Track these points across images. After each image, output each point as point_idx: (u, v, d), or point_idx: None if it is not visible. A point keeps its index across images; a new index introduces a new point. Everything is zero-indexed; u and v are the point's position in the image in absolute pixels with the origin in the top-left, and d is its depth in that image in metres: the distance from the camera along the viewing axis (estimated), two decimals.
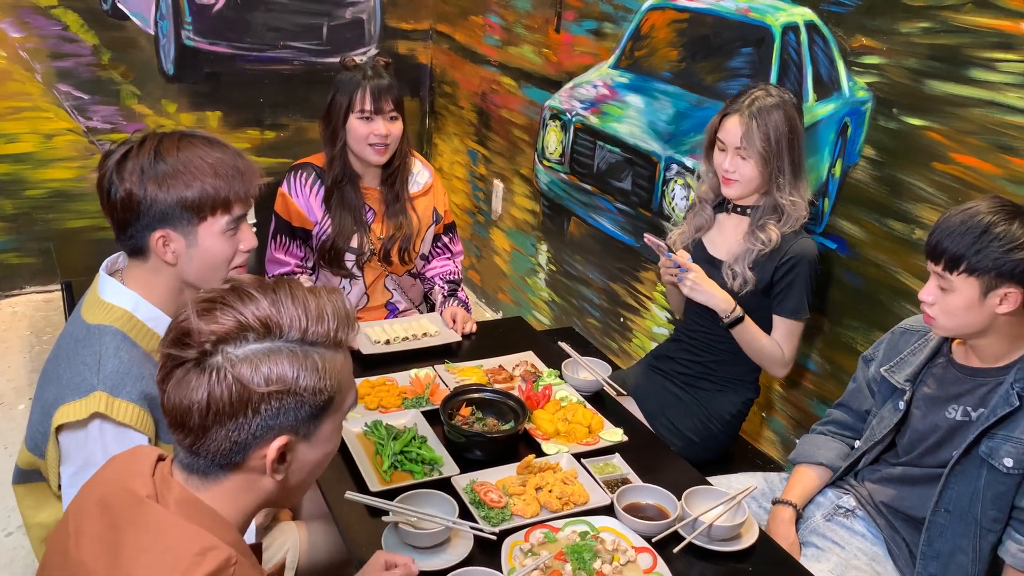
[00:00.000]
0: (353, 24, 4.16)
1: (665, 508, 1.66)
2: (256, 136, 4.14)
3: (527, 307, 3.80)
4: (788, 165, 2.08)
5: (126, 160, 1.49)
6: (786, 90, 2.12)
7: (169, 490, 1.09)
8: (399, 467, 1.74)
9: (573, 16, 3.26)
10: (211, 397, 1.03)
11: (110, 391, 1.43)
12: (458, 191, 4.29)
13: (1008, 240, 1.54)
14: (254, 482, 1.11)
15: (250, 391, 1.03)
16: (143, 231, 1.50)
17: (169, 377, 1.05)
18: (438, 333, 2.33)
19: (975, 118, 1.92)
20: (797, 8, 2.34)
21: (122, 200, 1.48)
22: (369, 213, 2.49)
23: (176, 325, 1.06)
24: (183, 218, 1.49)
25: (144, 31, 3.82)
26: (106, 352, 1.46)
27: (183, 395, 1.04)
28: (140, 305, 1.53)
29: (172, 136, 1.52)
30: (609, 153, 3.12)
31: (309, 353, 1.06)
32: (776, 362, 2.18)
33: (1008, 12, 1.83)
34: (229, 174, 1.52)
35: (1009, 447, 1.60)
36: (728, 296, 2.14)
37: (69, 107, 3.77)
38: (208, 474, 1.09)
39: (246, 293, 1.06)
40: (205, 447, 1.06)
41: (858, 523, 1.87)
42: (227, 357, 1.03)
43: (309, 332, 1.07)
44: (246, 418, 1.04)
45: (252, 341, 1.04)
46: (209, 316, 1.04)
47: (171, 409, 1.05)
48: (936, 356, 1.80)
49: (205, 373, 1.03)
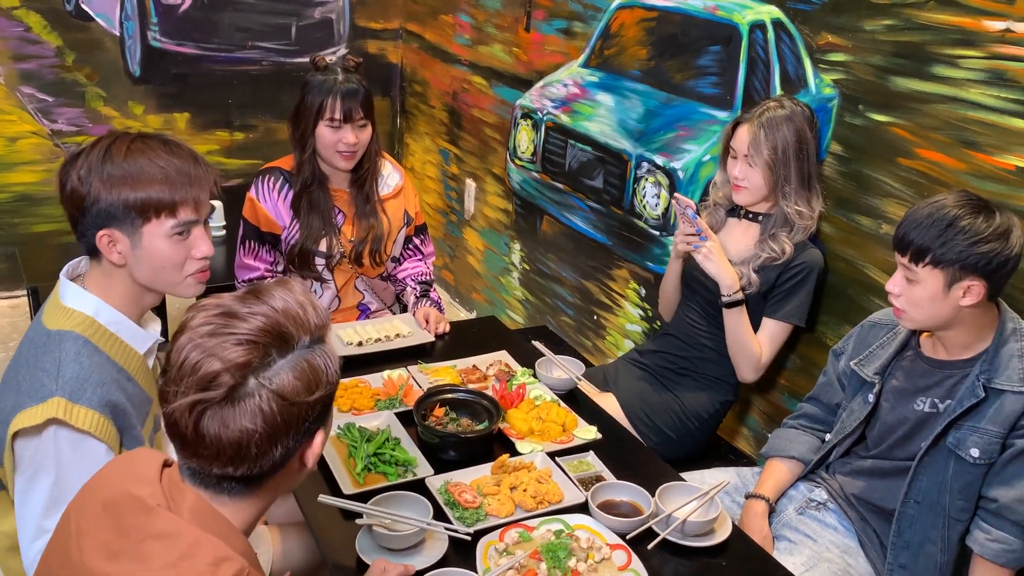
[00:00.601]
0: (322, 24, 4.14)
1: (639, 505, 1.67)
2: (225, 137, 4.10)
3: (501, 306, 3.80)
4: (795, 175, 2.11)
5: (79, 157, 1.48)
6: (800, 103, 2.14)
7: (182, 497, 1.08)
8: (373, 469, 1.73)
9: (543, 15, 3.27)
10: (266, 422, 1.03)
11: (69, 397, 1.40)
12: (430, 191, 4.28)
13: (972, 233, 1.56)
14: (275, 487, 1.14)
15: (299, 403, 1.05)
16: (89, 229, 1.48)
17: (201, 420, 1.03)
18: (411, 334, 2.32)
19: (939, 114, 1.94)
20: (764, 6, 2.36)
21: (69, 196, 1.47)
22: (339, 216, 2.47)
23: (191, 370, 1.03)
24: (127, 218, 1.47)
25: (109, 32, 3.77)
26: (66, 358, 1.43)
27: (228, 431, 1.03)
28: (102, 309, 1.50)
29: (126, 137, 1.50)
30: (580, 152, 3.13)
31: (321, 348, 1.10)
32: (752, 361, 2.20)
33: (969, 9, 1.85)
34: (177, 179, 1.49)
35: (976, 438, 1.63)
36: (735, 273, 2.16)
37: (33, 110, 3.71)
38: (235, 492, 1.10)
39: (240, 315, 1.06)
40: (259, 468, 1.07)
41: (830, 516, 1.89)
42: (261, 380, 1.03)
43: (313, 327, 1.10)
44: (298, 428, 1.07)
45: (277, 357, 1.05)
46: (221, 348, 1.03)
47: (221, 446, 1.04)
48: (904, 349, 1.82)
49: (243, 403, 1.03)
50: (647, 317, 2.94)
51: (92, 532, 1.08)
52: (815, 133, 2.14)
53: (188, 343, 1.05)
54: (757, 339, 2.20)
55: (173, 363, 1.05)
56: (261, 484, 1.11)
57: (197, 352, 1.03)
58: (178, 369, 1.04)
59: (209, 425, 1.03)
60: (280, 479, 1.13)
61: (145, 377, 1.57)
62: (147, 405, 1.56)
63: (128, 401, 1.49)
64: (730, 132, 2.18)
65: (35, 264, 3.00)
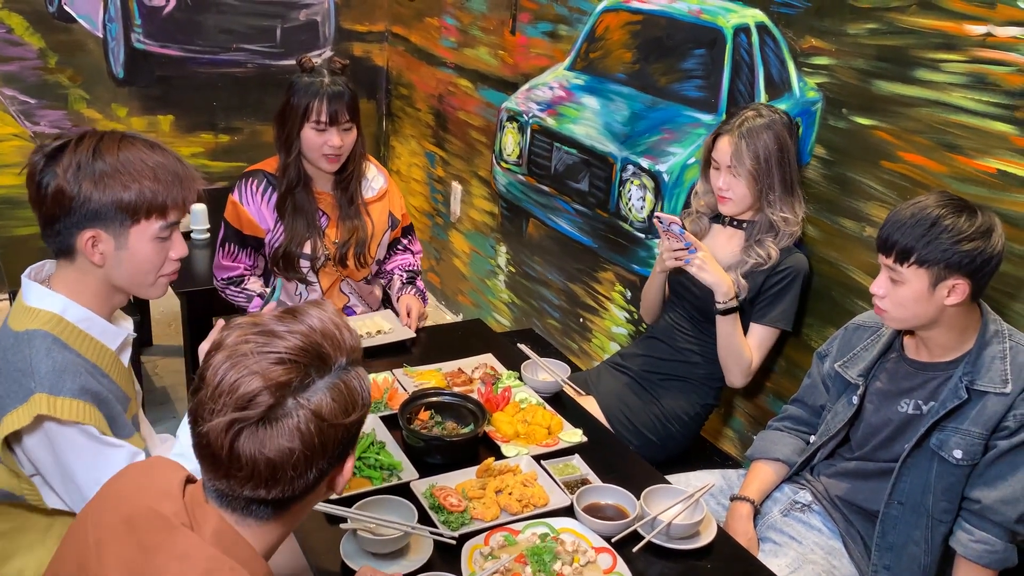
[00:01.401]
0: (307, 26, 4.12)
1: (624, 508, 1.67)
2: (210, 140, 4.08)
3: (487, 309, 3.79)
4: (778, 183, 2.11)
5: (61, 154, 1.43)
6: (777, 109, 2.15)
7: (206, 519, 1.07)
8: (357, 473, 1.72)
9: (528, 18, 3.27)
10: (304, 444, 1.02)
11: (49, 391, 1.39)
12: (416, 193, 4.27)
13: (956, 232, 1.57)
14: (300, 511, 1.13)
15: (336, 424, 1.05)
16: (71, 229, 1.44)
17: (237, 440, 1.01)
18: (392, 330, 2.33)
19: (921, 117, 1.96)
20: (748, 10, 2.37)
21: (53, 195, 1.43)
22: (323, 218, 2.46)
23: (228, 388, 1.01)
24: (116, 219, 1.45)
25: (92, 34, 3.74)
26: (37, 355, 1.41)
27: (266, 451, 1.01)
28: (69, 307, 1.48)
29: (113, 135, 1.48)
30: (566, 155, 3.13)
31: (357, 369, 1.10)
32: (743, 367, 2.21)
33: (951, 13, 1.87)
34: (168, 179, 1.48)
35: (958, 439, 1.64)
36: (731, 281, 2.16)
37: (15, 112, 3.68)
38: (262, 516, 1.08)
39: (279, 333, 1.05)
40: (292, 491, 1.06)
41: (814, 517, 1.89)
42: (300, 401, 1.02)
43: (349, 348, 1.09)
44: (333, 450, 1.06)
45: (316, 377, 1.04)
46: (260, 367, 1.02)
47: (257, 467, 1.02)
48: (888, 351, 1.83)
49: (281, 423, 1.01)
50: (633, 320, 2.94)
51: (112, 547, 1.06)
52: (795, 138, 2.14)
53: (225, 361, 1.03)
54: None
55: (209, 382, 1.03)
56: (288, 508, 1.10)
57: (236, 371, 1.02)
58: (214, 388, 1.02)
59: (245, 445, 1.01)
60: (307, 503, 1.12)
61: (121, 375, 1.55)
62: (124, 403, 1.54)
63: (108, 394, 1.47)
64: (711, 144, 2.19)
65: (17, 267, 2.95)
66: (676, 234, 2.12)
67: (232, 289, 2.47)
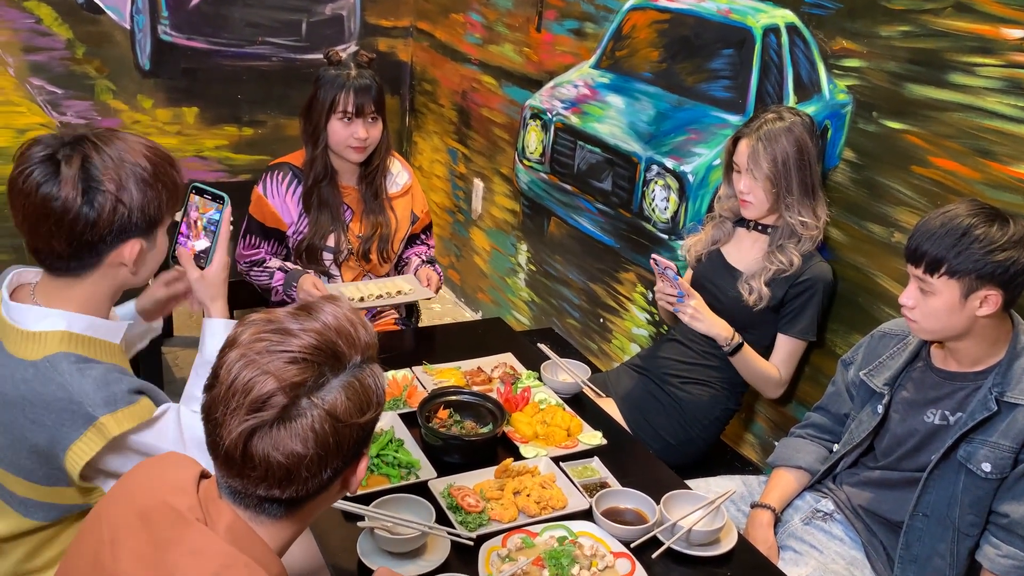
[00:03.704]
0: (333, 20, 4.12)
1: (644, 513, 1.65)
2: (234, 133, 4.09)
3: (507, 307, 3.78)
4: (797, 186, 2.09)
5: (83, 171, 1.34)
6: (800, 112, 2.12)
7: (220, 514, 1.06)
8: (375, 471, 1.72)
9: (554, 15, 3.25)
10: (319, 444, 1.01)
11: (108, 409, 1.36)
12: (438, 190, 4.26)
13: (988, 242, 1.54)
14: (314, 509, 1.12)
15: (351, 424, 1.03)
16: (114, 242, 1.38)
17: (251, 441, 1.00)
18: (412, 291, 2.38)
19: (954, 122, 1.92)
20: (778, 10, 2.34)
21: (109, 213, 1.35)
22: (347, 212, 2.47)
23: (242, 388, 1.00)
24: (155, 220, 1.42)
25: (120, 25, 3.76)
26: (73, 379, 1.35)
27: (279, 453, 1.00)
28: (73, 320, 1.41)
29: (111, 133, 1.40)
30: (589, 153, 3.11)
31: (371, 367, 1.08)
32: (772, 384, 2.21)
33: (988, 16, 1.83)
34: (170, 164, 1.44)
35: (987, 451, 1.61)
36: (727, 325, 2.17)
37: (42, 101, 3.71)
38: (276, 514, 1.07)
39: (292, 331, 1.04)
40: (306, 491, 1.05)
41: (836, 527, 1.87)
42: (314, 400, 1.01)
43: (363, 346, 1.08)
44: (348, 450, 1.05)
45: (330, 376, 1.03)
46: (274, 366, 1.00)
47: (271, 468, 1.01)
48: (915, 360, 1.80)
49: (295, 424, 1.00)
50: (654, 321, 2.92)
51: (127, 541, 1.06)
52: (816, 141, 2.11)
53: (239, 360, 1.02)
54: (773, 359, 2.20)
55: (222, 381, 1.02)
56: (302, 507, 1.09)
57: (249, 370, 1.01)
58: (228, 387, 1.01)
59: (259, 446, 1.00)
60: (320, 502, 1.11)
61: (125, 364, 1.53)
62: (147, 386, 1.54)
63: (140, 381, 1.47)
64: (731, 147, 2.17)
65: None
66: (670, 279, 2.11)
67: (255, 270, 2.49)
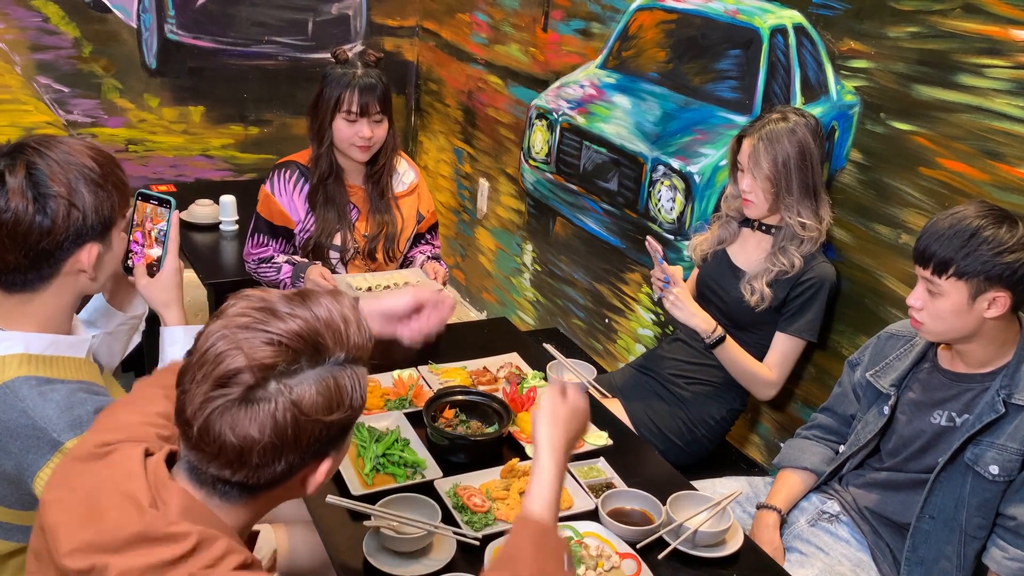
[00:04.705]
0: (339, 20, 4.13)
1: (650, 513, 1.65)
2: (239, 132, 4.09)
3: (512, 307, 3.78)
4: (797, 187, 2.08)
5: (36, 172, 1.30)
6: (805, 113, 2.12)
7: (170, 495, 1.02)
8: (381, 470, 1.72)
9: (561, 15, 3.25)
10: (276, 433, 0.98)
11: (74, 432, 1.31)
12: (443, 189, 4.26)
13: (996, 244, 1.54)
14: (273, 500, 1.08)
15: (315, 420, 1.00)
16: (70, 248, 1.33)
17: (211, 415, 0.97)
18: (419, 283, 2.38)
19: (963, 123, 1.91)
20: (786, 11, 2.34)
21: (63, 219, 1.30)
22: (353, 211, 2.47)
23: (213, 359, 0.98)
24: (108, 223, 1.37)
25: (126, 24, 3.77)
26: (34, 404, 1.30)
27: (234, 433, 0.97)
28: (31, 341, 1.35)
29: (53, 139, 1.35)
30: (595, 153, 3.11)
31: (354, 369, 1.04)
32: (761, 383, 2.19)
33: (997, 17, 1.83)
34: (116, 165, 1.39)
35: (994, 454, 1.60)
36: (708, 317, 2.16)
37: (49, 100, 3.72)
38: (229, 497, 1.04)
39: (279, 313, 1.01)
40: (256, 479, 1.01)
41: (842, 528, 1.86)
42: (282, 386, 0.98)
43: (352, 346, 1.04)
44: (308, 446, 1.01)
45: (305, 365, 1.00)
46: (249, 344, 0.98)
47: (224, 447, 0.98)
48: (922, 361, 1.80)
49: (257, 407, 0.97)
50: (659, 322, 2.91)
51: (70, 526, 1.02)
52: (820, 143, 2.11)
53: (219, 330, 1.00)
54: (768, 358, 2.18)
55: (199, 347, 1.00)
56: (256, 495, 1.05)
57: (225, 343, 0.98)
58: (202, 355, 0.99)
59: (217, 422, 0.97)
60: (279, 494, 1.07)
61: (95, 375, 1.48)
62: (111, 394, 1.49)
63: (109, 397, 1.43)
64: (735, 146, 2.17)
65: None
66: (658, 263, 2.11)
67: (263, 267, 2.49)
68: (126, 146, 3.90)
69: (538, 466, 1.25)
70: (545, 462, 1.24)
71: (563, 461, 1.26)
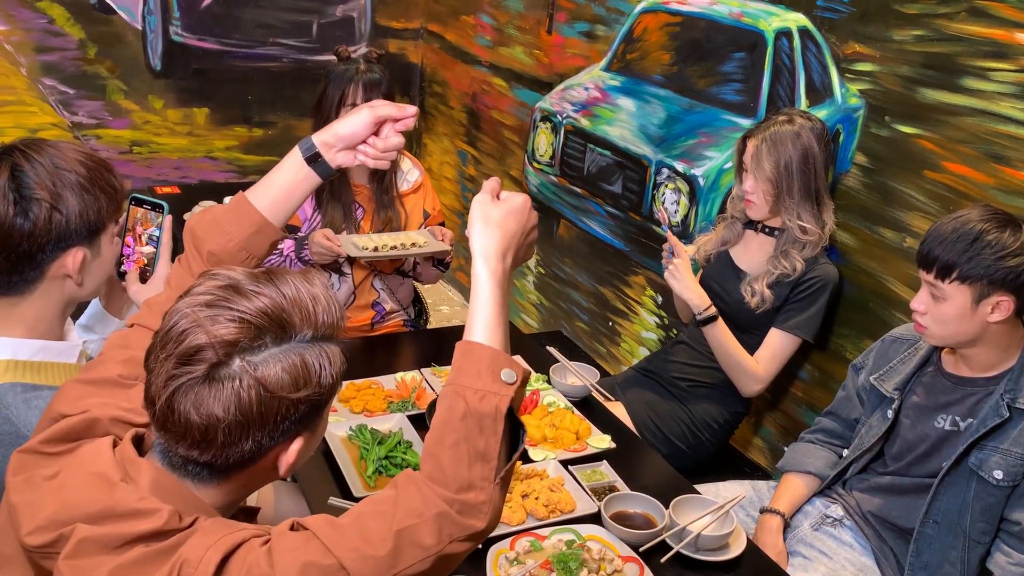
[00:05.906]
0: (343, 22, 4.13)
1: (653, 517, 1.64)
2: (244, 133, 4.10)
3: (515, 310, 3.78)
4: (797, 190, 2.08)
5: (21, 174, 1.31)
6: (811, 116, 2.11)
7: (139, 472, 1.01)
8: (384, 472, 1.71)
9: (565, 18, 3.25)
10: (240, 410, 0.96)
11: None
12: (447, 192, 4.27)
13: (1000, 248, 1.53)
14: (246, 483, 1.06)
15: (280, 397, 0.98)
16: (55, 252, 1.33)
17: (175, 394, 0.96)
18: (427, 244, 2.38)
19: (967, 127, 1.91)
20: (790, 14, 2.33)
21: (44, 223, 1.30)
22: (359, 211, 2.48)
23: (176, 337, 0.96)
24: (95, 228, 1.37)
25: (131, 26, 3.78)
26: (18, 411, 1.28)
27: (199, 412, 0.96)
28: (19, 347, 1.34)
29: (41, 143, 1.36)
30: (599, 156, 3.11)
31: (323, 347, 1.02)
32: (748, 375, 2.18)
33: (1002, 21, 1.82)
34: (108, 170, 1.39)
35: (998, 458, 1.60)
36: (703, 294, 2.16)
37: (54, 101, 3.73)
38: (200, 478, 1.02)
39: (244, 291, 0.99)
40: (224, 459, 1.00)
41: (846, 533, 1.86)
42: (246, 364, 0.96)
43: (320, 324, 1.02)
44: (275, 425, 0.99)
45: (270, 343, 0.98)
46: (212, 321, 0.96)
47: (189, 426, 0.96)
48: (926, 365, 1.79)
49: (222, 385, 0.95)
50: (663, 325, 2.91)
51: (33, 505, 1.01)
52: (825, 147, 2.10)
53: (183, 307, 0.98)
54: (758, 352, 2.18)
55: (164, 325, 0.99)
56: (228, 476, 1.03)
57: (187, 321, 0.97)
58: (166, 332, 0.98)
59: (181, 401, 0.96)
60: (251, 475, 1.05)
61: None
62: None
63: None
64: (741, 147, 2.16)
65: None
66: (663, 232, 2.12)
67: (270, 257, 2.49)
68: (130, 148, 3.91)
69: (473, 281, 1.12)
70: (480, 273, 1.11)
71: (501, 271, 1.12)
